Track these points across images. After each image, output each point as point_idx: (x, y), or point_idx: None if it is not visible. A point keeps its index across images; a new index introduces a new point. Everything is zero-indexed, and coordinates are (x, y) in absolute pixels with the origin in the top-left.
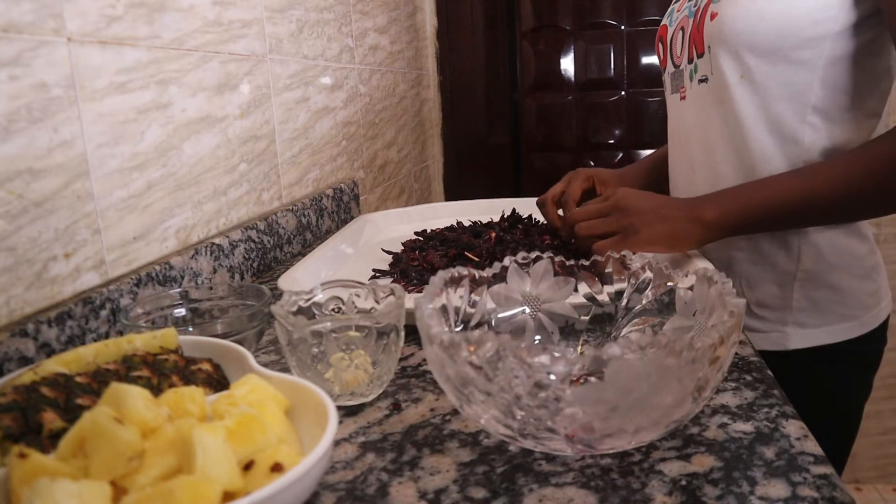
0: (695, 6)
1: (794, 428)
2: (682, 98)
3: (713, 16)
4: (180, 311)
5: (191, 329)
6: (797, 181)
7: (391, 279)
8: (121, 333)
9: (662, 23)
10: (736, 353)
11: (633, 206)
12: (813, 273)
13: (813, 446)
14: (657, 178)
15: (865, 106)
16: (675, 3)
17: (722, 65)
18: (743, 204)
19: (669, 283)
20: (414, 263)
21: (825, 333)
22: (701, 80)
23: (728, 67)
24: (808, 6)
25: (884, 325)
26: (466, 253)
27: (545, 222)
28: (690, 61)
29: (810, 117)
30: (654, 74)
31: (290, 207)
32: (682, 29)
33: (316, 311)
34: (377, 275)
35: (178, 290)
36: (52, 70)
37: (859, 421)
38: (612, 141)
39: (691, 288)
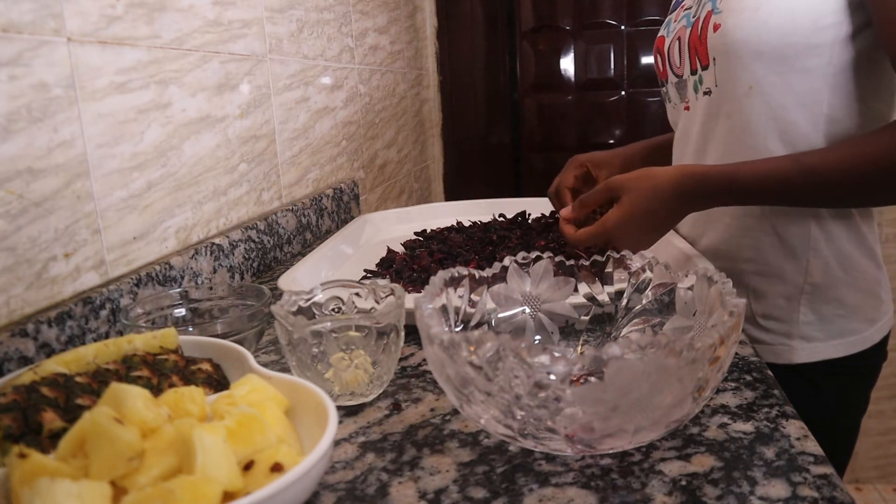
0: (693, 16)
1: (794, 428)
2: (686, 108)
3: (716, 27)
4: (180, 311)
5: (191, 329)
6: (791, 156)
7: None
8: (121, 333)
9: (659, 34)
10: (736, 353)
11: (622, 234)
12: (820, 287)
13: (813, 446)
14: (660, 159)
15: (876, 110)
16: (671, 13)
17: (729, 77)
18: (730, 172)
19: (669, 283)
20: (404, 264)
21: (830, 347)
22: (705, 93)
23: (735, 79)
24: (810, 14)
25: (884, 340)
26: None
27: (543, 223)
28: (693, 72)
29: (824, 126)
30: (654, 74)
31: (290, 207)
32: (679, 39)
33: (316, 311)
34: (368, 275)
35: (178, 290)
36: (52, 70)
37: (856, 436)
38: (612, 141)
39: (691, 288)
